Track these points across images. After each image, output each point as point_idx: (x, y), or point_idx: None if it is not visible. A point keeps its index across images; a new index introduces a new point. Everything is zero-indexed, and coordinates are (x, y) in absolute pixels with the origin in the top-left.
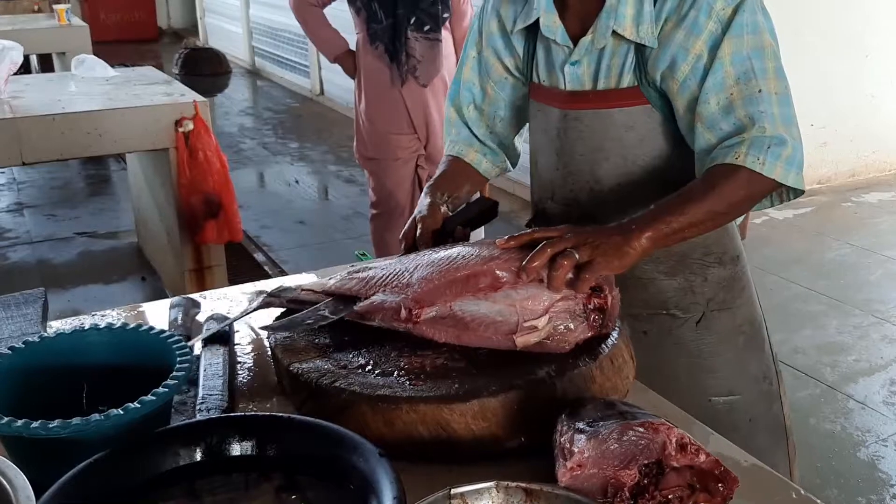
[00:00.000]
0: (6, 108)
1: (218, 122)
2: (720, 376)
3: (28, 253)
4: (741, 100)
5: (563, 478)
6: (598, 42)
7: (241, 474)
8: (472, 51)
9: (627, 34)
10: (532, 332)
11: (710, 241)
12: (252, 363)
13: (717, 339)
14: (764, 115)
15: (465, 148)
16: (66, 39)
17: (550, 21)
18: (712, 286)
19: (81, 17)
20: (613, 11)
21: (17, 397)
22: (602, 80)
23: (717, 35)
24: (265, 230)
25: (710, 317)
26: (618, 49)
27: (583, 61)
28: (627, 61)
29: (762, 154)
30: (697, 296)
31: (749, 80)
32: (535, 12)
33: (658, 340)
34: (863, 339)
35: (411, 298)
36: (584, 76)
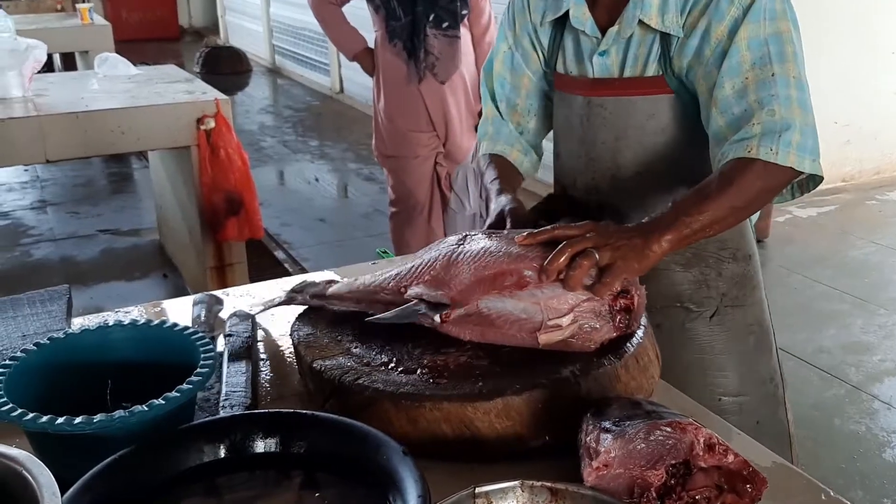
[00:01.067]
0: (30, 107)
1: (239, 121)
2: (730, 375)
3: (51, 250)
4: (755, 84)
5: (588, 477)
6: (624, 31)
7: (265, 471)
8: (504, 45)
9: (653, 23)
10: (556, 330)
11: (725, 235)
12: (275, 360)
13: (729, 336)
14: (775, 98)
15: (507, 147)
16: (88, 38)
17: (580, 13)
18: (726, 281)
19: (104, 16)
20: (640, 1)
21: (42, 393)
22: (628, 68)
23: (738, 20)
24: (286, 228)
25: (724, 312)
26: (644, 38)
27: (611, 51)
28: (653, 50)
29: (774, 144)
30: (711, 290)
31: (764, 64)
32: (564, 4)
33: (671, 334)
34: (888, 339)
35: (446, 296)
36: (613, 66)
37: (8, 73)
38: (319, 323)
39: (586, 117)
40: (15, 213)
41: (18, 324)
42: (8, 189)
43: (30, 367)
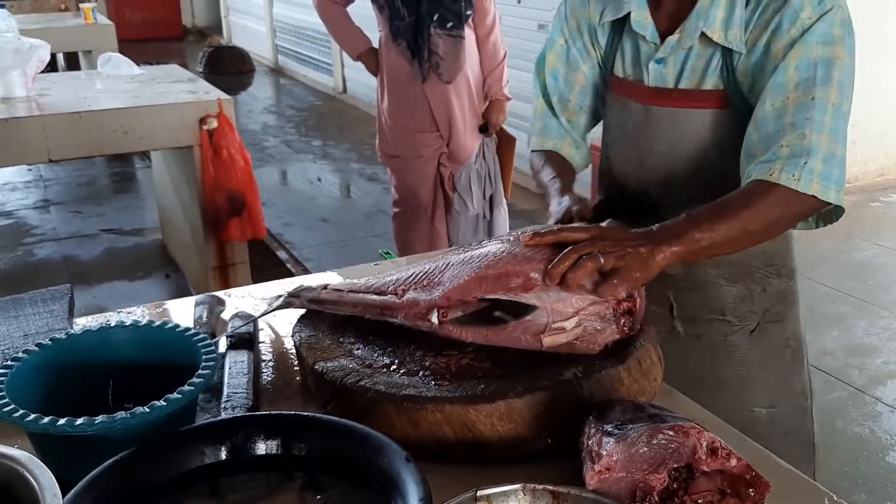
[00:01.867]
0: (33, 106)
1: (241, 120)
2: (765, 388)
3: (54, 249)
4: (794, 105)
5: (590, 481)
6: (684, 42)
7: (266, 473)
8: (560, 37)
9: (715, 37)
10: (560, 333)
11: (771, 251)
12: (277, 362)
13: (767, 351)
14: (809, 122)
15: (558, 142)
16: (92, 38)
17: (642, 17)
18: (770, 297)
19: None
20: (705, 13)
21: (44, 394)
22: (685, 79)
23: (795, 39)
24: (288, 228)
25: (764, 328)
26: (704, 51)
27: (668, 60)
28: (712, 64)
29: (797, 170)
30: (755, 305)
31: (808, 87)
32: (626, 6)
33: (711, 346)
34: (892, 341)
35: (442, 296)
36: (668, 75)
37: (11, 72)
38: (321, 324)
39: (643, 124)
40: (18, 213)
41: (20, 323)
42: (11, 188)
43: (31, 367)
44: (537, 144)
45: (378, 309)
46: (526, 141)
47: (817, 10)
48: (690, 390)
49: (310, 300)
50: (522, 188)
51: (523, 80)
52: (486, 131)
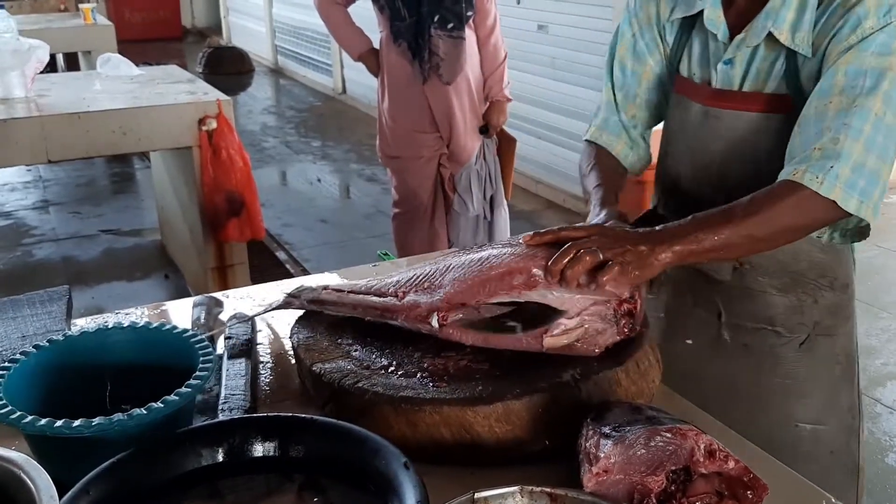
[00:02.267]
0: (32, 107)
1: (241, 121)
2: (811, 403)
3: (53, 250)
4: (836, 110)
5: (588, 483)
6: (749, 40)
7: (263, 475)
8: (629, 30)
9: (783, 39)
10: (561, 334)
11: (826, 263)
12: (274, 363)
13: (815, 365)
14: (845, 128)
15: (613, 139)
16: (91, 38)
17: (715, 15)
18: (821, 310)
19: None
20: (774, 14)
21: (41, 396)
22: (749, 81)
23: (851, 46)
24: (287, 228)
25: (814, 340)
26: (769, 52)
27: (735, 60)
28: (777, 66)
29: (821, 173)
30: (805, 317)
31: (854, 94)
32: (699, 3)
33: (757, 355)
34: (891, 343)
35: (444, 299)
36: (735, 76)
37: (10, 73)
38: (319, 326)
39: (700, 125)
40: (17, 213)
41: (18, 325)
42: (10, 189)
43: (29, 369)
44: (592, 135)
45: (378, 311)
46: (525, 143)
47: (882, 21)
48: (732, 399)
49: (309, 301)
50: (523, 189)
51: (523, 81)
52: (487, 132)
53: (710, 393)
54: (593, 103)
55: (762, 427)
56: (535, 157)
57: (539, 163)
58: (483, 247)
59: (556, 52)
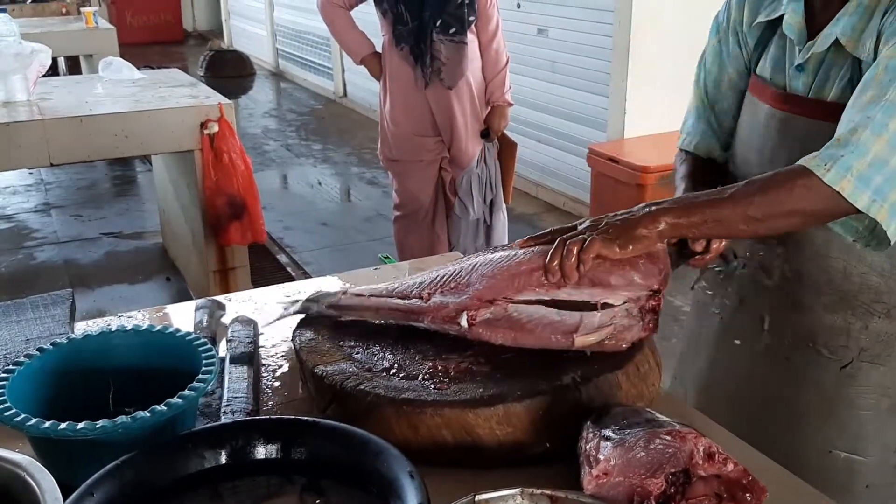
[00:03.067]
0: (34, 110)
1: (242, 124)
2: (850, 432)
3: (55, 253)
4: (867, 103)
5: (588, 485)
6: (817, 47)
7: (265, 477)
8: (714, 37)
9: (848, 46)
10: (592, 332)
11: (882, 288)
12: (277, 366)
13: (858, 392)
14: (870, 120)
15: (703, 143)
16: (93, 42)
17: (795, 20)
18: (871, 336)
19: (108, 19)
20: (843, 21)
21: (45, 398)
22: (815, 88)
23: None
24: (288, 231)
25: (858, 367)
26: (836, 60)
27: (807, 67)
28: (841, 74)
29: (830, 161)
30: (851, 341)
31: (886, 87)
32: (782, 7)
33: (798, 370)
34: None
35: (473, 297)
36: (806, 83)
37: (12, 76)
38: (321, 329)
39: (768, 129)
40: (19, 216)
41: (22, 328)
42: (12, 192)
43: (33, 372)
44: (684, 144)
45: (402, 313)
46: (525, 146)
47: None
48: (767, 411)
49: (328, 305)
50: (523, 193)
51: (523, 84)
52: (488, 136)
53: (747, 401)
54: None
55: (796, 446)
56: (536, 160)
57: (539, 166)
58: (506, 246)
59: (557, 55)
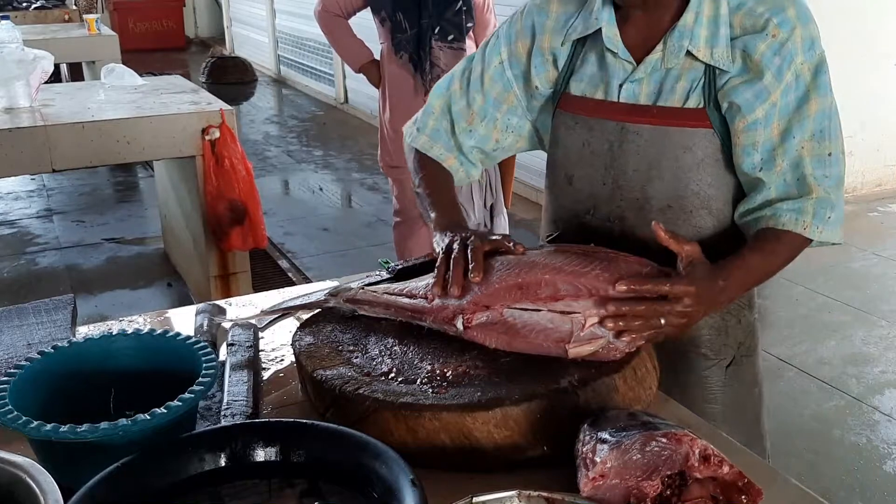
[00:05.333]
0: (37, 116)
1: (244, 130)
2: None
3: (57, 258)
4: (811, 157)
5: (585, 487)
6: (668, 61)
7: (265, 480)
8: (497, 57)
9: (701, 55)
10: (586, 343)
11: None
12: (276, 370)
13: (741, 389)
14: (828, 180)
15: (444, 153)
16: (95, 48)
17: (612, 33)
18: (744, 329)
19: (111, 26)
20: (689, 32)
21: (46, 401)
22: (664, 97)
23: (794, 89)
24: (289, 237)
25: (739, 362)
26: (687, 70)
27: (644, 79)
28: (696, 83)
29: (822, 224)
30: (730, 338)
31: (823, 139)
32: (595, 22)
33: (685, 382)
34: (889, 350)
35: (470, 301)
36: (642, 93)
37: (15, 83)
38: (320, 333)
39: (618, 143)
40: (21, 222)
41: (24, 332)
42: (14, 198)
43: (34, 375)
44: (423, 145)
45: (408, 312)
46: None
47: (810, 58)
48: None
49: (346, 299)
50: (523, 198)
51: None
52: None
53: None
54: None
55: None
56: (535, 165)
57: (539, 171)
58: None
59: None
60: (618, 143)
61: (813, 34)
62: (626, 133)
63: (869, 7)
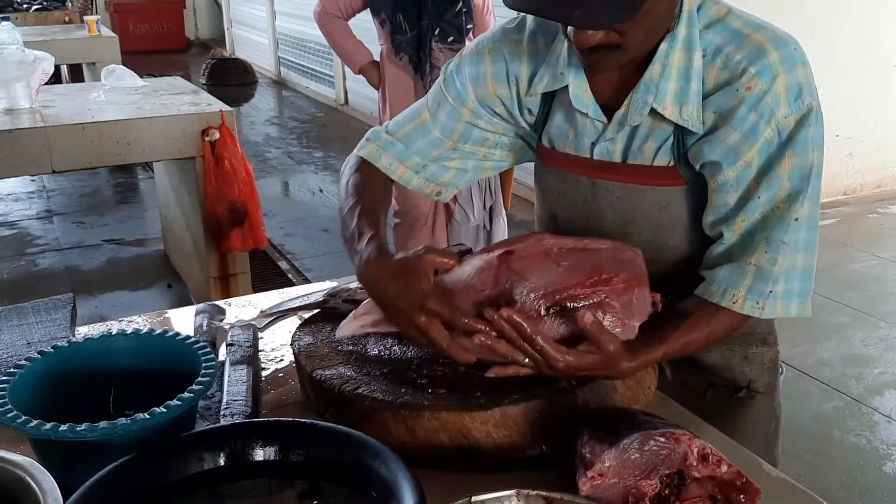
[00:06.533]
0: (37, 117)
1: (244, 132)
2: None
3: (57, 259)
4: (777, 220)
5: (583, 487)
6: (632, 119)
7: (264, 479)
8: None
9: (668, 114)
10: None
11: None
12: (276, 370)
13: (753, 422)
14: (784, 247)
15: (394, 163)
16: (96, 50)
17: (581, 90)
18: (754, 366)
19: (111, 27)
20: (654, 85)
21: (46, 400)
22: (633, 155)
23: (774, 145)
24: (289, 238)
25: (751, 395)
26: (655, 128)
27: (616, 137)
28: (665, 142)
29: (761, 298)
30: (736, 373)
31: (794, 200)
32: (563, 77)
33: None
34: (888, 352)
35: None
36: (615, 152)
37: (16, 84)
38: (320, 333)
39: (591, 197)
40: (21, 223)
41: (23, 332)
42: (14, 199)
43: (34, 374)
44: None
45: None
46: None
47: (796, 110)
48: None
49: (344, 300)
50: (522, 199)
51: None
52: None
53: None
54: None
55: None
56: None
57: None
58: None
59: None
60: (591, 197)
61: (801, 80)
62: (597, 189)
63: (868, 8)
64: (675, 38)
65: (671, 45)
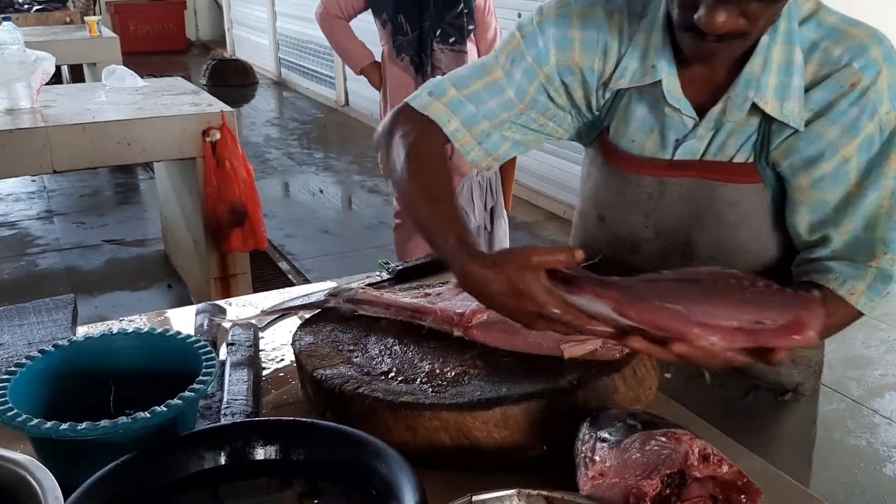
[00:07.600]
0: (38, 118)
1: (244, 133)
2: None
3: (57, 260)
4: (888, 218)
5: (584, 486)
6: (730, 114)
7: (265, 479)
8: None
9: (768, 109)
10: (581, 343)
11: None
12: (276, 369)
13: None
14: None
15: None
16: (96, 50)
17: (674, 85)
18: (801, 368)
19: (112, 28)
20: (755, 80)
21: (46, 399)
22: (714, 151)
23: (876, 142)
24: (290, 239)
25: (795, 399)
26: (745, 123)
27: (705, 135)
28: (749, 138)
29: (877, 296)
30: (783, 376)
31: None
32: (656, 72)
33: (733, 406)
34: (889, 353)
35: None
36: (699, 150)
37: (16, 84)
38: (320, 333)
39: (659, 195)
40: (22, 223)
41: (24, 332)
42: (15, 199)
43: (35, 373)
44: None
45: (409, 311)
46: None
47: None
48: None
49: (347, 299)
50: (523, 200)
51: None
52: None
53: None
54: None
55: None
56: (535, 168)
57: (539, 174)
58: None
59: None
60: (658, 193)
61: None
62: (666, 185)
63: (875, 7)
64: (776, 32)
65: (772, 39)
